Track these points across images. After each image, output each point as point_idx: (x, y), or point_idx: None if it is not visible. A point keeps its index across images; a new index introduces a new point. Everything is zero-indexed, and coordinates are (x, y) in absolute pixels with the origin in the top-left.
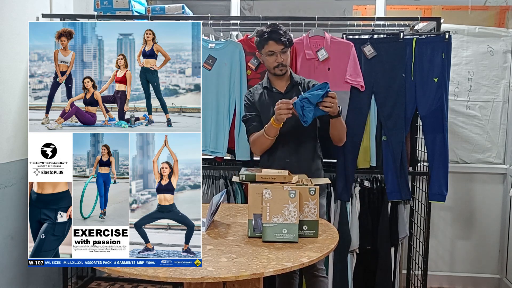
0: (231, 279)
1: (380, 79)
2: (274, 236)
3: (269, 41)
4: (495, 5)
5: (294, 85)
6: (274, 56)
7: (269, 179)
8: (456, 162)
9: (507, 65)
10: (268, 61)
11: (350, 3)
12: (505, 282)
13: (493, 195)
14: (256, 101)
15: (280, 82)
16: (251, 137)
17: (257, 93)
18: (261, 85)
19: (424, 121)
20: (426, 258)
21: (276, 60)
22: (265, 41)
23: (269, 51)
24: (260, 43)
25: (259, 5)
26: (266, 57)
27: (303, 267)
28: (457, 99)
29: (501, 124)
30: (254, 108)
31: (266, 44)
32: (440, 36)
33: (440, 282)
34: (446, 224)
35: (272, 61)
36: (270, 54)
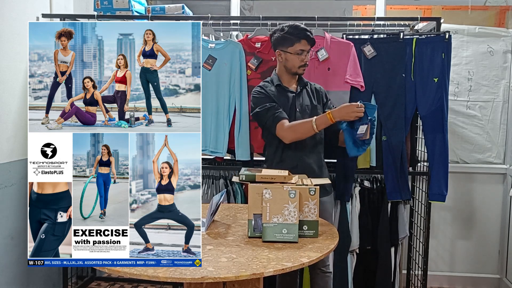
0: (231, 279)
1: (380, 79)
2: (274, 236)
3: (302, 39)
4: (495, 5)
5: (303, 86)
6: (302, 55)
7: (269, 179)
8: (456, 162)
9: (507, 65)
10: (293, 60)
11: (350, 3)
12: (505, 282)
13: (493, 195)
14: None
15: (291, 81)
16: (283, 123)
17: (269, 89)
18: (270, 82)
19: (424, 121)
20: (426, 258)
21: (303, 60)
22: (297, 39)
23: (299, 50)
24: (288, 41)
25: (259, 5)
26: (293, 55)
27: (303, 266)
28: (457, 99)
29: (501, 124)
30: (271, 99)
31: (297, 43)
32: (440, 36)
33: (440, 282)
34: (446, 224)
35: (299, 60)
36: (300, 53)
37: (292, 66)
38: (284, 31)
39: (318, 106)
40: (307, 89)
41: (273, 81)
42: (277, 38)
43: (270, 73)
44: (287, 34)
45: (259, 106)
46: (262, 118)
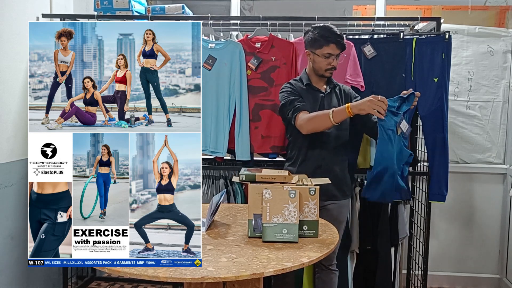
0: (231, 279)
1: (380, 79)
2: (274, 236)
3: (331, 44)
4: (495, 5)
5: (333, 87)
6: (330, 59)
7: (269, 179)
8: (456, 162)
9: (507, 65)
10: (321, 62)
11: (350, 3)
12: (505, 282)
13: (493, 195)
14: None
15: (320, 82)
16: (302, 114)
17: (299, 87)
18: (299, 81)
19: (424, 121)
20: (426, 258)
21: (330, 63)
22: (326, 43)
23: (327, 53)
24: (318, 42)
25: (259, 5)
26: (320, 58)
27: (304, 266)
28: (457, 99)
29: (501, 124)
30: (299, 95)
31: (326, 46)
32: (440, 36)
33: (440, 282)
34: (446, 224)
35: (326, 64)
36: (327, 56)
37: (319, 68)
38: (316, 32)
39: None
40: (335, 91)
41: (303, 80)
42: (308, 38)
43: (270, 73)
44: (318, 35)
45: (284, 99)
46: (284, 110)
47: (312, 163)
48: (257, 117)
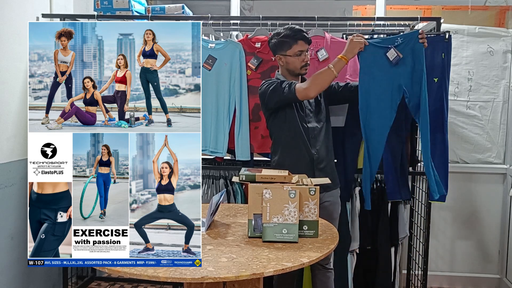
0: (231, 279)
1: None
2: (274, 236)
3: (299, 40)
4: (495, 5)
5: None
6: (302, 56)
7: (269, 179)
8: (456, 162)
9: (507, 65)
10: (295, 62)
11: (350, 3)
12: (505, 282)
13: (493, 195)
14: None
15: (296, 81)
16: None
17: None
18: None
19: None
20: (426, 258)
21: (304, 60)
22: (294, 41)
23: (298, 51)
24: (286, 44)
25: (259, 5)
26: (294, 57)
27: (304, 266)
28: (457, 99)
29: (501, 124)
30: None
31: (295, 44)
32: (440, 36)
33: (440, 282)
34: (446, 224)
35: (300, 61)
36: (299, 54)
37: (294, 68)
38: (280, 35)
39: (321, 101)
40: None
41: (279, 79)
42: (275, 43)
43: (270, 73)
44: (283, 37)
45: (272, 84)
46: (279, 91)
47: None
48: (257, 117)
